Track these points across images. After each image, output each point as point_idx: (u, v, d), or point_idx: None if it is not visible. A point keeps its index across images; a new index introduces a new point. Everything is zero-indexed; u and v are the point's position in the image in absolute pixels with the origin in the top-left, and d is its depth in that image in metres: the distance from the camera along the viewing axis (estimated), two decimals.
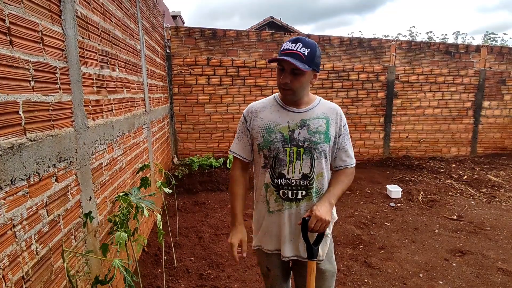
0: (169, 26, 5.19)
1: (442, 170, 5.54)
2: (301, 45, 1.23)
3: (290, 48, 1.23)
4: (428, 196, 4.26)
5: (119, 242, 1.16)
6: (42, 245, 1.18)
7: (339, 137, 1.38)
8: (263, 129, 1.35)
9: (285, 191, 1.35)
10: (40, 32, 1.24)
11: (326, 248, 1.42)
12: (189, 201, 4.11)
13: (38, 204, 1.17)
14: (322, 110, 1.37)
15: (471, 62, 6.47)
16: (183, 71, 5.32)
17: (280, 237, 1.39)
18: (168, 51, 5.19)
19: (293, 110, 1.35)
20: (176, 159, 5.42)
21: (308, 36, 5.78)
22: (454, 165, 5.90)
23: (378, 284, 2.36)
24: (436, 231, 3.30)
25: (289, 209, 1.37)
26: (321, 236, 1.32)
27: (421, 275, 2.49)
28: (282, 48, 1.26)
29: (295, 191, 1.34)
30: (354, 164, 1.43)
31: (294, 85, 1.26)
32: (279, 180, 1.34)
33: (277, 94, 1.42)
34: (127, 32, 2.59)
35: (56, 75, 1.35)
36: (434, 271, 2.56)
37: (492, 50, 6.61)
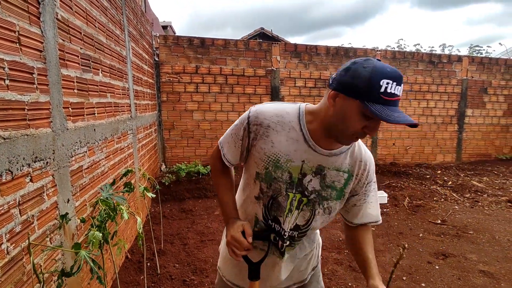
0: (158, 35, 5.24)
1: (427, 176, 5.63)
2: (402, 87, 0.84)
3: (395, 92, 0.81)
4: (414, 202, 4.32)
5: (92, 241, 1.15)
6: (13, 245, 1.17)
7: (357, 194, 1.07)
8: (269, 160, 1.00)
9: (276, 237, 1.08)
10: (17, 32, 1.25)
11: (309, 266, 1.22)
12: (176, 208, 4.08)
13: (10, 203, 1.16)
14: (349, 161, 1.02)
15: (454, 72, 6.67)
16: (171, 79, 5.35)
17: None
18: (156, 59, 5.22)
19: (316, 148, 0.98)
20: (164, 166, 5.39)
21: (296, 46, 5.90)
22: (439, 172, 6.00)
23: (361, 287, 2.37)
24: (421, 235, 3.34)
25: (272, 256, 1.10)
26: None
27: (404, 278, 2.51)
28: (384, 87, 0.80)
29: (283, 244, 1.07)
30: (379, 220, 1.13)
31: (373, 134, 0.94)
32: (273, 224, 1.07)
33: (303, 109, 1.00)
34: (112, 38, 2.61)
35: (33, 75, 1.36)
36: (417, 274, 2.58)
37: (474, 60, 6.83)
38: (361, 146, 1.07)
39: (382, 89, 0.79)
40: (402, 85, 0.82)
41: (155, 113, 5.04)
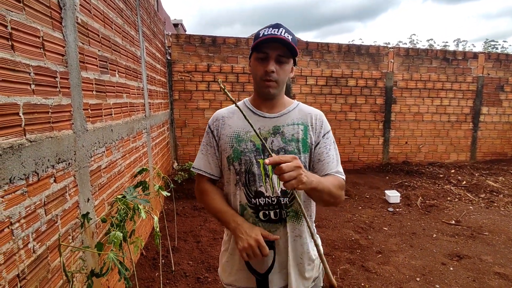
0: (170, 34, 5.28)
1: (441, 176, 5.54)
2: (284, 30, 1.05)
3: (273, 33, 1.04)
4: (427, 201, 4.27)
5: (114, 241, 1.18)
6: (39, 243, 1.21)
7: (316, 145, 1.15)
8: (231, 138, 1.14)
9: (266, 212, 1.11)
10: (41, 38, 1.29)
11: (312, 274, 1.19)
12: (188, 206, 4.13)
13: (37, 204, 1.20)
14: (300, 115, 1.17)
15: (469, 69, 6.52)
16: (183, 78, 5.39)
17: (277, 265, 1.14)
18: (168, 57, 5.27)
19: (264, 115, 1.15)
20: (176, 164, 5.45)
21: (307, 43, 5.86)
22: (453, 171, 5.90)
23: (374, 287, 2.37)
24: (434, 235, 3.30)
25: (274, 233, 1.12)
26: (273, 263, 1.09)
27: (418, 279, 2.49)
28: (261, 34, 1.06)
29: (277, 211, 1.11)
30: (344, 178, 1.15)
31: (280, 75, 1.08)
32: (256, 200, 1.11)
33: (246, 99, 1.23)
34: (127, 39, 2.65)
35: (56, 79, 1.40)
36: (431, 275, 2.56)
37: (490, 56, 6.66)
38: (307, 106, 1.23)
39: (261, 34, 1.07)
40: (281, 28, 1.05)
41: (168, 112, 5.10)
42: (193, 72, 5.42)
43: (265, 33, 1.06)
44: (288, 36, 1.05)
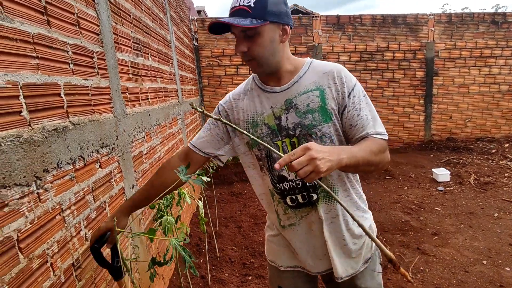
0: (196, 18, 5.17)
1: (493, 151, 5.08)
2: None
3: (234, 5, 0.90)
4: (481, 179, 3.92)
5: (167, 226, 1.11)
6: (91, 231, 1.16)
7: (344, 109, 0.95)
8: (247, 124, 1.02)
9: (293, 197, 1.01)
10: (75, 15, 1.20)
11: (361, 255, 1.06)
12: (226, 192, 4.09)
13: (85, 190, 1.15)
14: (313, 78, 0.97)
15: None
16: (211, 63, 5.29)
17: (300, 254, 1.08)
18: (195, 43, 5.17)
19: (274, 89, 0.99)
20: None
21: (338, 17, 5.52)
22: (507, 145, 5.40)
23: (436, 272, 2.17)
24: (496, 215, 3.01)
25: (306, 218, 1.03)
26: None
27: (484, 262, 2.26)
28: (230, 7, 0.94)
29: (305, 194, 0.99)
30: (386, 137, 0.96)
31: (255, 52, 0.91)
32: (281, 184, 1.01)
33: (254, 76, 1.07)
34: (157, 22, 2.56)
35: (94, 59, 1.32)
36: (498, 257, 2.32)
37: None
38: (320, 62, 1.02)
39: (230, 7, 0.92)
40: None
41: (198, 98, 5.05)
42: (221, 57, 5.30)
43: (230, 7, 0.92)
44: (249, 1, 0.87)
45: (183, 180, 0.82)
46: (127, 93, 1.68)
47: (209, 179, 2.48)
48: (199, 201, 1.77)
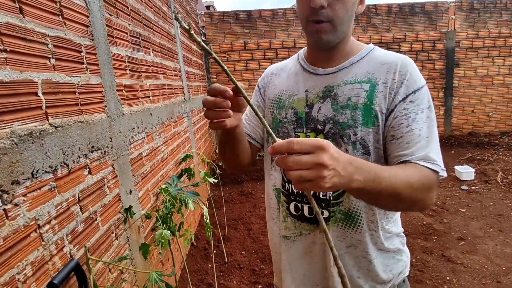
0: (203, 13, 5.02)
1: None
2: None
3: None
4: (510, 177, 3.64)
5: (161, 242, 0.97)
6: (77, 246, 1.04)
7: (391, 112, 0.73)
8: (273, 103, 0.89)
9: (299, 205, 0.83)
10: (58, 3, 1.07)
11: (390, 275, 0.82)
12: (235, 191, 3.96)
13: (69, 200, 1.02)
14: (369, 67, 0.77)
15: None
16: (220, 58, 5.14)
17: (283, 277, 0.90)
18: (203, 38, 5.03)
19: (317, 71, 0.81)
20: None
21: None
22: None
23: (464, 283, 1.97)
24: None
25: (305, 238, 0.83)
26: None
27: None
28: None
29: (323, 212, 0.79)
30: (440, 170, 0.69)
31: (337, 11, 0.70)
32: (290, 185, 0.84)
33: (303, 50, 0.91)
34: (160, 15, 2.43)
35: (82, 53, 1.19)
36: None
37: None
38: (383, 51, 0.83)
39: None
40: None
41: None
42: (230, 52, 5.14)
43: None
44: None
45: (173, 193, 0.67)
46: (123, 91, 1.55)
47: (215, 181, 2.35)
48: (204, 206, 1.63)
